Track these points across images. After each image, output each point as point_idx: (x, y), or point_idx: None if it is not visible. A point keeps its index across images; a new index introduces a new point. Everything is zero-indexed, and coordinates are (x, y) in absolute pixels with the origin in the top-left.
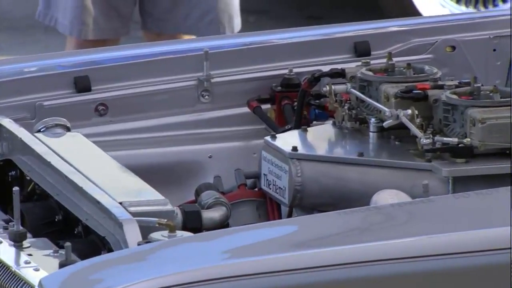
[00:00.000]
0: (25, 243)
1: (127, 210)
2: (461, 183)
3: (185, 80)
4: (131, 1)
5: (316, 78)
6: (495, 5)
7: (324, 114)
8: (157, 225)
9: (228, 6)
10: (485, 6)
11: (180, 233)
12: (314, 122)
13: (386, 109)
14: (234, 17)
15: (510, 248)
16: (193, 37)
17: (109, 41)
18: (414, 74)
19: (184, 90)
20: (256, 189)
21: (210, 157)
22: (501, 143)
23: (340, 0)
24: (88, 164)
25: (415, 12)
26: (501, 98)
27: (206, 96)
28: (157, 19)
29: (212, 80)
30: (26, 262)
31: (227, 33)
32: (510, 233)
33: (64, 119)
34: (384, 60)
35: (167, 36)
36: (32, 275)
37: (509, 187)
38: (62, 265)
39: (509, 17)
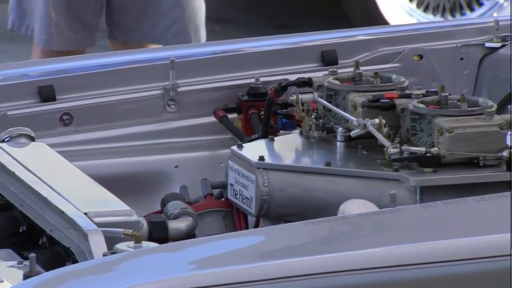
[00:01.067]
0: None
1: (92, 221)
2: (428, 193)
3: (151, 90)
4: (98, 12)
5: (283, 87)
6: (462, 14)
7: (291, 124)
8: (122, 235)
9: (195, 17)
10: (453, 15)
11: (146, 244)
12: (281, 132)
13: (353, 118)
14: (200, 28)
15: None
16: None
17: (74, 51)
18: (381, 83)
19: (150, 99)
20: (223, 199)
21: (176, 166)
22: (468, 152)
23: (308, 9)
24: (52, 174)
25: (382, 21)
26: (468, 107)
27: (172, 106)
28: (124, 29)
29: (178, 89)
30: None
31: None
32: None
33: (29, 129)
34: (351, 69)
35: (134, 45)
36: None
37: (477, 196)
38: (26, 277)
39: (476, 26)
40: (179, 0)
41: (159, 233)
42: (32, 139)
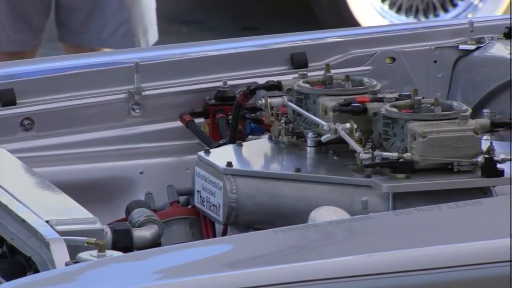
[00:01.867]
0: None
1: (54, 229)
2: (401, 200)
3: (115, 93)
4: (43, 13)
5: (251, 91)
6: (436, 15)
7: (259, 128)
8: (85, 244)
9: (143, 18)
10: (426, 16)
11: (109, 253)
12: (250, 137)
13: (324, 123)
14: (149, 29)
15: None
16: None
17: (26, 53)
18: (352, 86)
19: (114, 103)
20: (189, 207)
21: (141, 173)
22: (442, 157)
23: (276, 10)
24: (13, 181)
25: (353, 22)
26: (442, 111)
27: (137, 110)
28: (72, 31)
29: (143, 93)
30: None
31: (142, 45)
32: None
33: None
34: (322, 72)
35: (86, 48)
36: None
37: (451, 203)
38: None
39: (450, 27)
40: (125, 1)
41: (123, 241)
42: None
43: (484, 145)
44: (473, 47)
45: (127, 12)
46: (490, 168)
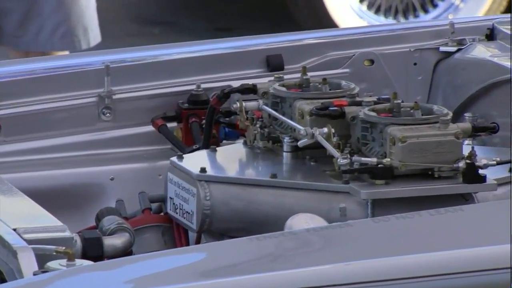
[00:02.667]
0: None
1: (22, 237)
2: (381, 206)
3: (84, 97)
4: None
5: (225, 94)
6: (416, 16)
7: (234, 133)
8: (54, 253)
9: (82, 18)
10: (406, 17)
11: (79, 262)
12: (224, 142)
13: (300, 127)
14: (89, 29)
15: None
16: (57, 53)
17: None
18: (330, 89)
19: (83, 107)
20: (162, 214)
21: (112, 179)
22: (423, 163)
23: (251, 10)
24: None
25: (331, 24)
26: (422, 115)
27: (108, 114)
28: (8, 35)
29: (114, 97)
30: None
31: (83, 47)
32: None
33: None
34: (298, 75)
35: (32, 53)
36: None
37: (431, 210)
38: None
39: (430, 29)
40: (62, 2)
41: (93, 250)
42: None
43: (466, 150)
44: (454, 49)
45: (65, 12)
46: (472, 174)
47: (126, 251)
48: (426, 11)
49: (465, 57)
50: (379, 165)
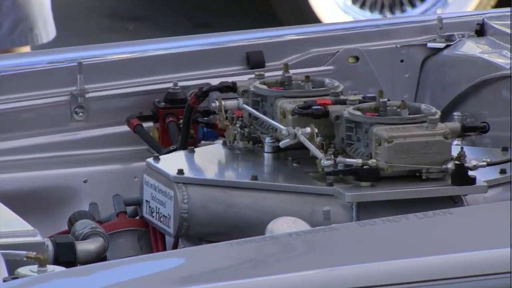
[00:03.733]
0: None
1: None
2: (366, 209)
3: (56, 95)
4: None
5: (204, 93)
6: (403, 11)
7: (213, 133)
8: (25, 258)
9: (42, 12)
10: (392, 12)
11: (51, 268)
12: (202, 142)
13: (282, 127)
14: (49, 22)
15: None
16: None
17: None
18: (313, 88)
19: (55, 106)
20: (137, 218)
21: (85, 181)
22: (410, 164)
23: (231, 6)
24: None
25: (314, 19)
26: (409, 114)
27: (80, 113)
28: None
29: (87, 95)
30: None
31: (43, 40)
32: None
33: None
34: (280, 72)
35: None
36: None
37: (419, 213)
38: None
39: (418, 24)
40: None
41: (66, 255)
42: None
43: (455, 151)
44: (442, 45)
45: (23, 9)
46: (461, 176)
47: (100, 257)
48: (413, 5)
49: (454, 53)
50: (364, 167)
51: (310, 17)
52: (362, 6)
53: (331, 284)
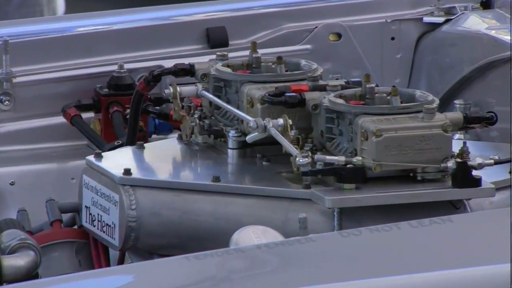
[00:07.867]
0: None
1: None
2: (350, 216)
3: None
4: None
5: (155, 77)
6: None
7: (167, 125)
8: None
9: None
10: None
11: None
12: (154, 136)
13: (249, 118)
14: None
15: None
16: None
17: None
18: (286, 71)
19: None
20: (76, 227)
21: (12, 184)
22: (403, 162)
23: None
24: None
25: None
26: (402, 102)
27: (7, 102)
28: None
29: (14, 80)
30: None
31: (45, 15)
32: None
33: None
34: (247, 53)
35: None
36: None
37: (413, 221)
38: None
39: None
40: None
41: None
42: None
43: (456, 147)
44: (441, 19)
45: None
46: (464, 176)
47: (30, 274)
48: None
49: (455, 29)
50: (348, 166)
51: None
52: None
53: None
